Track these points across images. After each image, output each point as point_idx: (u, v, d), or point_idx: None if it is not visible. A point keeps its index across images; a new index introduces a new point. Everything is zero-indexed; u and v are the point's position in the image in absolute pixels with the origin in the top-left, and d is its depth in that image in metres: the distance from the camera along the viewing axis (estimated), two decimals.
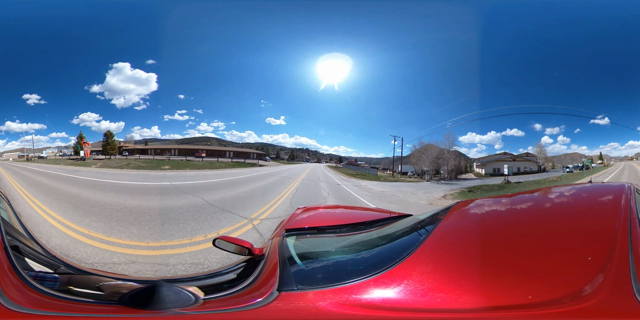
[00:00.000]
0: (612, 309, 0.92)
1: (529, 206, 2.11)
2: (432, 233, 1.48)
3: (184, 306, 1.18)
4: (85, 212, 7.78)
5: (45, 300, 1.19)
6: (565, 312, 0.91)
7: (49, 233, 5.86)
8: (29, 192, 10.29)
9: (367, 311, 1.05)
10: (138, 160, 20.51)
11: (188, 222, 7.14)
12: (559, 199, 2.24)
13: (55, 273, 1.70)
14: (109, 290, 1.41)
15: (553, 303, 0.94)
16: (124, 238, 5.91)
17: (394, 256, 1.28)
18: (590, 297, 0.93)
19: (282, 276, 1.30)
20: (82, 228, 6.31)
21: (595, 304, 0.91)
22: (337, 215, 3.11)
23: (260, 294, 1.20)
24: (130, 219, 7.22)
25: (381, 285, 1.13)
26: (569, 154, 21.78)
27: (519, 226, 1.63)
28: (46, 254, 1.90)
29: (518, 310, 0.95)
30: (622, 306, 0.91)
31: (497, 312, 0.96)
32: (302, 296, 1.15)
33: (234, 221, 7.43)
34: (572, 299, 0.94)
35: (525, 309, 0.94)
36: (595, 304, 0.91)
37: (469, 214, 1.93)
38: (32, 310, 1.11)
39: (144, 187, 13.49)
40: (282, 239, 1.85)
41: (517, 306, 0.96)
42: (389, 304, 1.06)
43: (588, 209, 1.85)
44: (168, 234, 6.26)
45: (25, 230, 2.13)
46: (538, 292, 0.99)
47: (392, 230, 1.94)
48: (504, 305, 0.98)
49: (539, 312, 0.93)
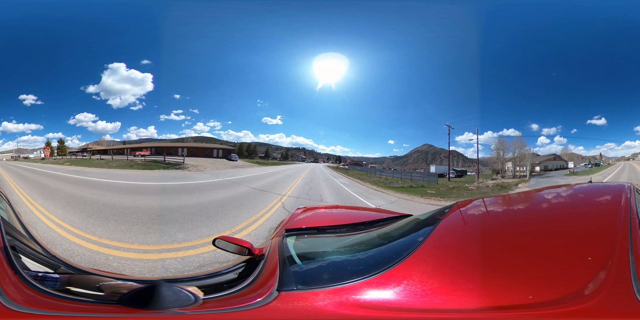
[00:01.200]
0: (612, 309, 0.92)
1: (529, 206, 2.11)
2: (431, 233, 1.48)
3: (183, 306, 1.18)
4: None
5: (45, 300, 1.19)
6: (566, 312, 0.91)
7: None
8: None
9: (366, 311, 1.05)
10: (75, 159, 22.95)
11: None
12: (559, 199, 2.24)
13: (56, 273, 1.69)
14: (109, 290, 1.40)
15: (554, 303, 0.94)
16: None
17: (393, 256, 1.28)
18: (591, 297, 0.93)
19: (282, 276, 1.30)
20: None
21: (596, 304, 0.91)
22: (337, 216, 3.11)
23: (260, 294, 1.20)
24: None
25: (381, 286, 1.13)
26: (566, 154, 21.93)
27: (519, 226, 1.63)
28: (46, 254, 1.90)
29: (519, 311, 0.95)
30: (623, 306, 0.91)
31: (498, 313, 0.96)
32: (302, 296, 1.15)
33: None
34: (572, 299, 0.94)
35: (526, 309, 0.94)
36: (596, 304, 0.91)
37: (468, 214, 1.93)
38: (32, 309, 1.11)
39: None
40: (282, 239, 1.85)
41: (518, 306, 0.96)
42: (389, 304, 1.06)
43: (588, 209, 1.85)
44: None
45: (26, 230, 2.12)
46: (539, 292, 0.99)
47: (392, 231, 1.94)
48: (505, 305, 0.98)
49: (540, 312, 0.93)
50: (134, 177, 15.94)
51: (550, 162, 22.37)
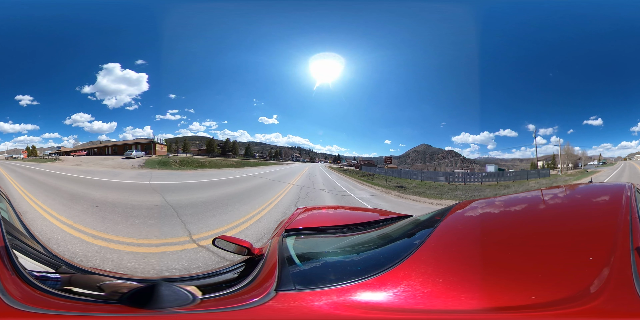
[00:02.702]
0: (616, 309, 0.91)
1: (529, 206, 2.10)
2: (431, 234, 1.48)
3: (181, 305, 1.18)
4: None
5: (46, 299, 1.20)
6: (569, 313, 0.91)
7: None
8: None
9: (362, 312, 1.04)
10: (37, 158, 23.91)
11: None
12: (559, 199, 2.24)
13: (57, 272, 1.70)
14: (109, 290, 1.41)
15: (556, 304, 0.93)
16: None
17: (393, 257, 1.28)
18: (594, 297, 0.92)
19: (281, 276, 1.30)
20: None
21: (599, 305, 0.91)
22: (337, 216, 3.10)
23: (258, 294, 1.20)
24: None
25: (380, 287, 1.12)
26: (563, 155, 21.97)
27: (520, 226, 1.62)
28: (47, 253, 1.90)
29: (521, 311, 0.94)
30: (626, 306, 0.91)
31: (500, 313, 0.96)
32: (299, 296, 1.14)
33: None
34: (575, 299, 0.93)
35: (528, 310, 0.94)
36: (598, 304, 0.91)
37: (468, 215, 1.93)
38: (34, 308, 1.11)
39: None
40: (282, 239, 1.85)
41: (520, 307, 0.96)
42: (387, 306, 1.06)
43: (589, 209, 1.85)
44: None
45: (27, 229, 2.12)
46: (541, 292, 0.98)
47: (392, 231, 1.93)
48: (507, 306, 0.97)
49: (543, 313, 0.92)
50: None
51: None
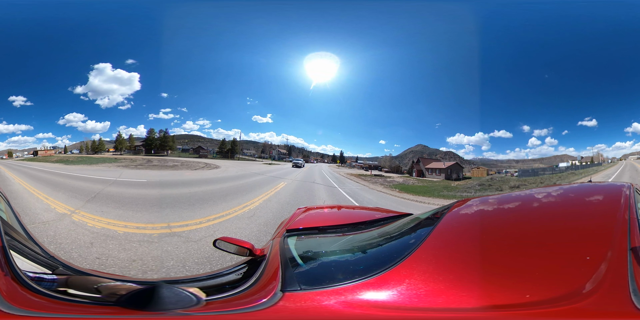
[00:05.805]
0: (607, 308, 0.93)
1: (528, 205, 2.11)
2: (432, 232, 1.49)
3: (185, 307, 1.17)
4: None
5: (42, 301, 1.18)
6: (560, 311, 0.92)
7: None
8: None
9: (373, 310, 1.05)
10: (15, 159, 25.57)
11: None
12: (558, 198, 2.24)
13: (53, 273, 1.68)
14: (107, 292, 1.39)
15: (550, 302, 0.95)
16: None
17: (395, 256, 1.28)
18: (587, 296, 0.94)
19: (285, 277, 1.30)
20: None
21: (591, 303, 0.92)
22: (337, 215, 3.11)
23: (265, 295, 1.20)
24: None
25: (384, 285, 1.13)
26: (558, 155, 22.13)
27: (518, 225, 1.63)
28: (44, 254, 1.88)
29: (516, 310, 0.96)
30: (616, 306, 0.92)
31: (496, 311, 0.97)
32: (307, 296, 1.15)
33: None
34: (567, 298, 0.95)
35: (523, 308, 0.95)
36: (590, 303, 0.92)
37: (468, 213, 1.94)
38: (29, 311, 1.10)
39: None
40: (283, 239, 1.85)
41: (515, 305, 0.97)
42: (393, 304, 1.06)
43: (587, 209, 1.85)
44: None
45: (24, 230, 2.09)
46: (536, 291, 1.00)
47: (393, 230, 1.94)
48: (503, 304, 0.98)
49: (537, 311, 0.94)
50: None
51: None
